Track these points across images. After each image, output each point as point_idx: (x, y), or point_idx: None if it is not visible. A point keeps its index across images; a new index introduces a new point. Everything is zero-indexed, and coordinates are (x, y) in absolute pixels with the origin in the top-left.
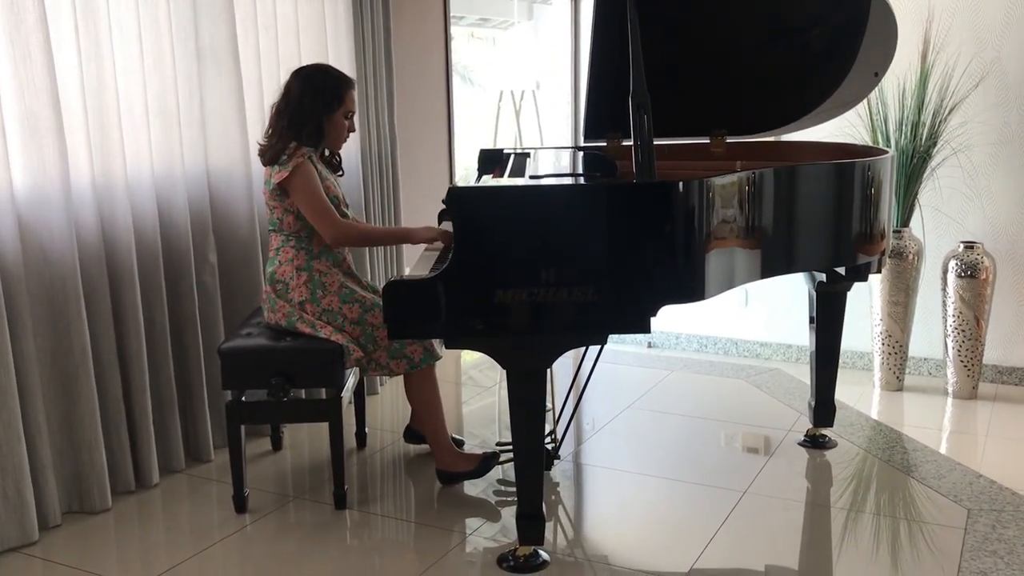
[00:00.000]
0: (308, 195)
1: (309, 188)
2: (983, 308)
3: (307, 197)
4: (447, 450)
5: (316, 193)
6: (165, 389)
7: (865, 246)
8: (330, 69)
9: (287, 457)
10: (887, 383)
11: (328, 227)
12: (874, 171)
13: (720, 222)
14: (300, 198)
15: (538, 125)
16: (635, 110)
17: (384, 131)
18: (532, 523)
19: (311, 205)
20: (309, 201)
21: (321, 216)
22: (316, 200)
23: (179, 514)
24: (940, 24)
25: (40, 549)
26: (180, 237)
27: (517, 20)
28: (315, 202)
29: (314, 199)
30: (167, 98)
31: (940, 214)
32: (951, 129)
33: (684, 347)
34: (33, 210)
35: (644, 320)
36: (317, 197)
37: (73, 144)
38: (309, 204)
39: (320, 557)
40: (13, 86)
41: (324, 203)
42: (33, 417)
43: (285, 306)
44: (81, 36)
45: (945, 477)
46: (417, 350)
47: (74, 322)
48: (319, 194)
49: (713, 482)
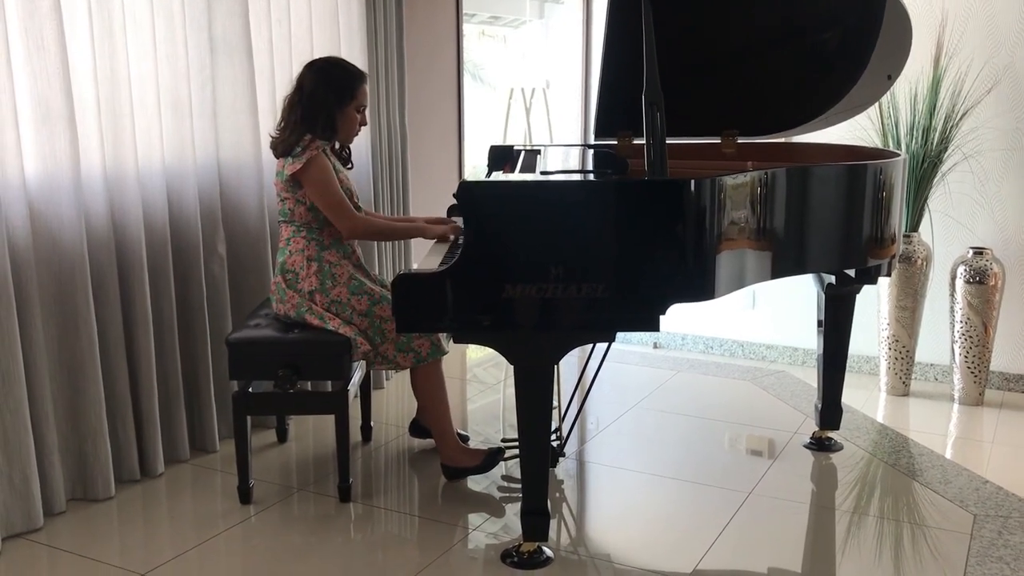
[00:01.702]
0: (323, 188)
1: (324, 181)
2: (991, 315)
3: (322, 190)
4: (452, 445)
5: (331, 186)
6: (171, 379)
7: (875, 249)
8: (343, 62)
9: (292, 449)
10: (893, 388)
11: (344, 220)
12: (886, 174)
13: (731, 221)
14: (314, 191)
15: (548, 123)
16: (648, 108)
17: (395, 125)
18: (536, 519)
19: (326, 199)
20: (324, 194)
21: (336, 210)
22: (331, 193)
23: (183, 504)
24: (953, 29)
25: (44, 535)
26: (190, 227)
27: (528, 18)
28: (330, 195)
29: (329, 192)
30: (179, 89)
31: (950, 219)
32: (962, 134)
33: (690, 348)
34: (44, 197)
35: (653, 318)
36: (332, 190)
37: (85, 133)
38: (324, 198)
39: (324, 550)
40: (26, 74)
41: (339, 196)
42: (40, 404)
43: (295, 296)
44: (95, 25)
45: (951, 482)
46: (424, 344)
47: (82, 310)
48: (335, 187)
49: (718, 483)
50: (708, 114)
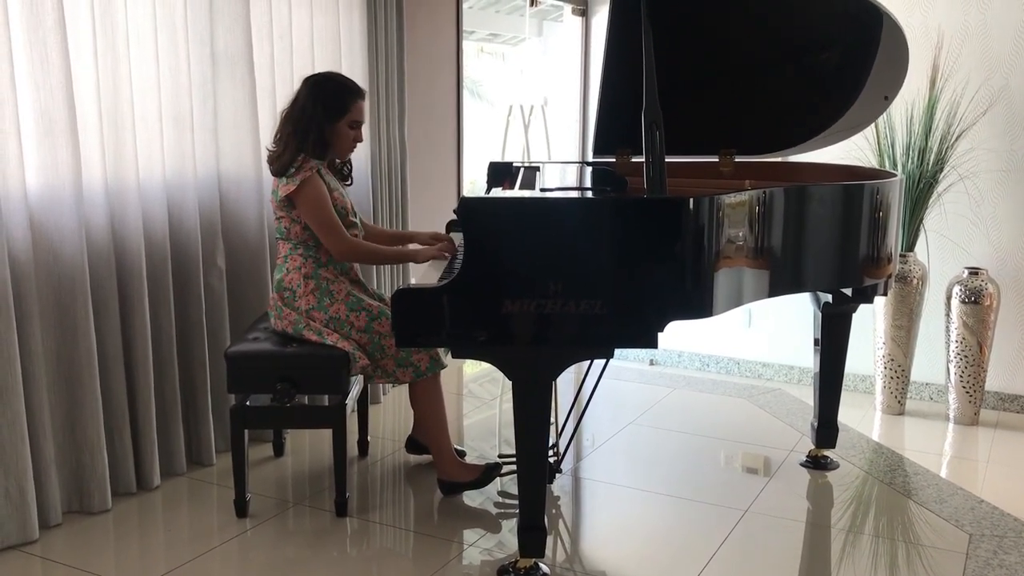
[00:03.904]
0: (316, 210)
1: (317, 203)
2: (986, 335)
3: (314, 212)
4: (449, 460)
5: (324, 208)
6: (169, 391)
7: (872, 268)
8: (340, 78)
9: (288, 463)
10: (888, 407)
11: (335, 242)
12: (883, 194)
13: (729, 240)
14: (307, 212)
15: (546, 140)
16: (647, 127)
17: (395, 141)
18: (533, 535)
19: (318, 220)
20: (316, 216)
21: (327, 231)
22: (323, 215)
23: (179, 517)
24: (950, 50)
25: (40, 548)
26: (189, 241)
27: (527, 36)
28: (322, 217)
29: (322, 214)
30: (181, 103)
31: (945, 239)
32: (958, 155)
33: (686, 365)
34: (45, 209)
35: (652, 335)
36: (325, 212)
37: (86, 146)
38: (316, 219)
39: (319, 564)
40: (29, 86)
41: (331, 218)
42: (37, 416)
43: (292, 314)
44: (98, 39)
45: (947, 501)
46: (423, 359)
47: (81, 322)
48: (327, 209)
49: (714, 500)
50: (707, 132)
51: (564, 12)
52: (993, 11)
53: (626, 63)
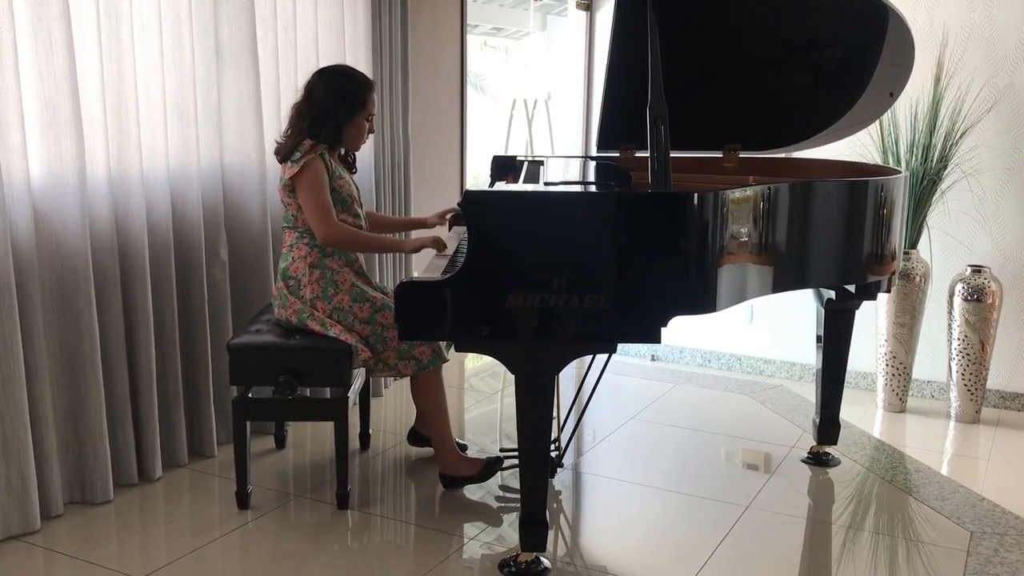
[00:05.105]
0: (311, 191)
1: (314, 184)
2: (988, 333)
3: (309, 192)
4: (451, 453)
5: (320, 191)
6: (171, 383)
7: (876, 265)
8: (353, 71)
9: (290, 455)
10: (890, 404)
11: (321, 224)
12: (887, 191)
13: (733, 235)
14: (302, 192)
15: (549, 134)
16: (653, 122)
17: (398, 133)
18: (535, 529)
19: (311, 200)
20: (310, 196)
21: (317, 213)
22: (318, 197)
23: (181, 508)
24: (955, 48)
25: (41, 538)
26: (192, 232)
27: (531, 30)
28: (316, 198)
29: (316, 195)
30: (185, 94)
31: (948, 237)
32: (962, 153)
33: (688, 361)
34: (48, 200)
35: (655, 330)
36: (320, 194)
37: (90, 136)
38: (309, 199)
39: (320, 557)
40: (34, 77)
41: (324, 201)
42: (39, 406)
43: (296, 303)
44: (103, 30)
45: (948, 499)
46: (426, 352)
47: (84, 313)
48: (322, 192)
49: (715, 496)
50: (711, 128)
51: (568, 6)
52: (998, 9)
53: (631, 58)
